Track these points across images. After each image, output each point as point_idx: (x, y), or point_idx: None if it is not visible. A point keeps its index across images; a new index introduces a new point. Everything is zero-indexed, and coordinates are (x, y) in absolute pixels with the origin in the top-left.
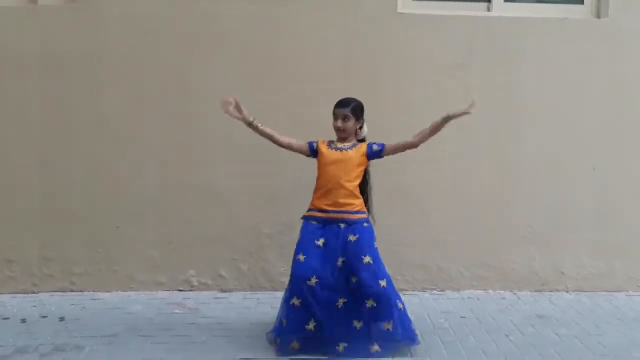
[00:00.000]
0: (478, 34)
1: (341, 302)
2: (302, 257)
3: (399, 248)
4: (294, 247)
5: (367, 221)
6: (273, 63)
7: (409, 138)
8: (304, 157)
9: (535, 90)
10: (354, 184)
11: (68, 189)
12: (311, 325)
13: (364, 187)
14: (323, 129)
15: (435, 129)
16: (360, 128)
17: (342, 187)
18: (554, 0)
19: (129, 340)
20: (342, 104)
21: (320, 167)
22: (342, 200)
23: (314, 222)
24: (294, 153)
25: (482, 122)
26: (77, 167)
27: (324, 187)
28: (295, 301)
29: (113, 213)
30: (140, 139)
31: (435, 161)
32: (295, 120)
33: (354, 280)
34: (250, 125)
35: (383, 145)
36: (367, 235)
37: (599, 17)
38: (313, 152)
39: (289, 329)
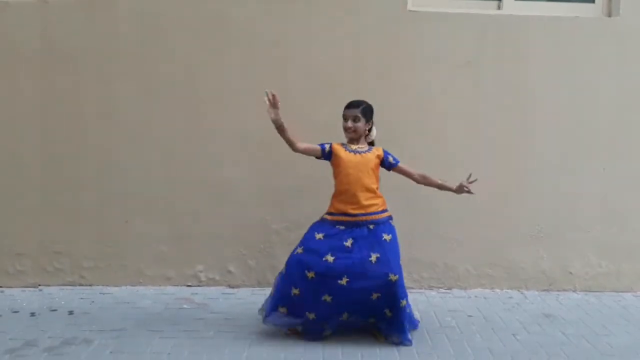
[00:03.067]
0: (488, 32)
1: (375, 295)
2: (330, 258)
3: (406, 246)
4: None
5: (391, 217)
6: (282, 61)
7: (418, 171)
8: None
9: (545, 89)
10: (375, 185)
11: (78, 183)
12: (344, 316)
13: None
14: (332, 128)
15: (439, 187)
16: (369, 130)
17: (366, 189)
18: None
19: (137, 334)
20: (352, 104)
21: (340, 171)
22: (365, 202)
23: (340, 227)
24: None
25: (491, 120)
26: (87, 162)
27: (345, 190)
28: (327, 297)
29: (122, 208)
30: (149, 134)
31: (443, 159)
32: (304, 119)
33: (391, 278)
34: (279, 127)
35: (398, 162)
36: (395, 236)
37: (609, 15)
38: (325, 154)
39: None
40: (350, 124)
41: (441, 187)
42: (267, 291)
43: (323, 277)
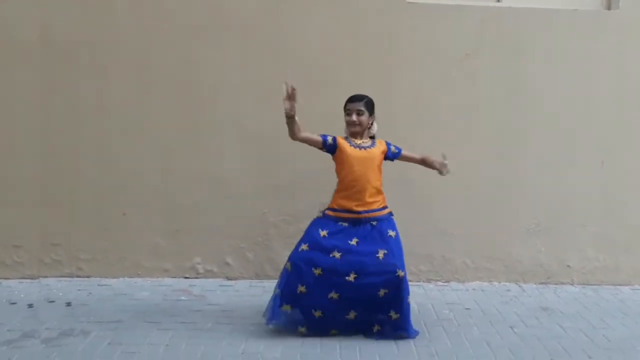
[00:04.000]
0: (487, 25)
1: (382, 292)
2: (337, 254)
3: (404, 239)
4: (300, 236)
5: (392, 214)
6: (281, 54)
7: (418, 155)
8: (311, 147)
9: (543, 82)
10: (380, 182)
11: (76, 176)
12: (351, 315)
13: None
14: (331, 121)
15: (435, 167)
16: (372, 124)
17: (371, 185)
18: None
19: (134, 325)
20: (355, 98)
21: (345, 166)
22: (369, 199)
23: (344, 224)
24: (301, 143)
25: (489, 113)
26: (85, 155)
27: (351, 186)
28: (334, 295)
29: (120, 200)
30: (146, 127)
31: (441, 152)
32: (302, 111)
33: (399, 273)
34: (291, 118)
35: (400, 150)
36: (398, 232)
37: (609, 8)
38: (327, 146)
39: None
40: (355, 117)
41: (435, 167)
42: (265, 284)
43: (330, 273)
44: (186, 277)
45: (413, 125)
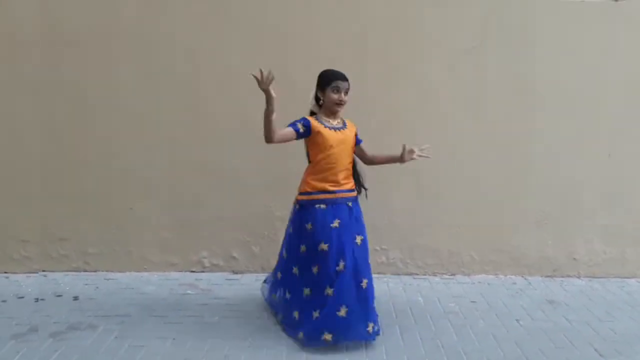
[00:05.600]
0: (493, 16)
1: (364, 282)
2: (324, 246)
3: (410, 232)
4: None
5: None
6: (284, 44)
7: (370, 152)
8: None
9: (550, 74)
10: (352, 164)
11: (82, 170)
12: (342, 311)
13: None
14: None
15: (388, 161)
16: None
17: (346, 167)
18: None
19: (141, 319)
20: (343, 76)
21: (322, 149)
22: (343, 180)
23: (321, 206)
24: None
25: (496, 105)
26: (90, 148)
27: (328, 169)
28: (329, 290)
29: (126, 194)
30: (153, 120)
31: (448, 145)
32: (305, 101)
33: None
34: (270, 97)
35: (361, 141)
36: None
37: None
38: (301, 135)
39: (322, 319)
40: (343, 96)
41: (389, 160)
42: None
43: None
44: (192, 271)
45: (418, 117)
